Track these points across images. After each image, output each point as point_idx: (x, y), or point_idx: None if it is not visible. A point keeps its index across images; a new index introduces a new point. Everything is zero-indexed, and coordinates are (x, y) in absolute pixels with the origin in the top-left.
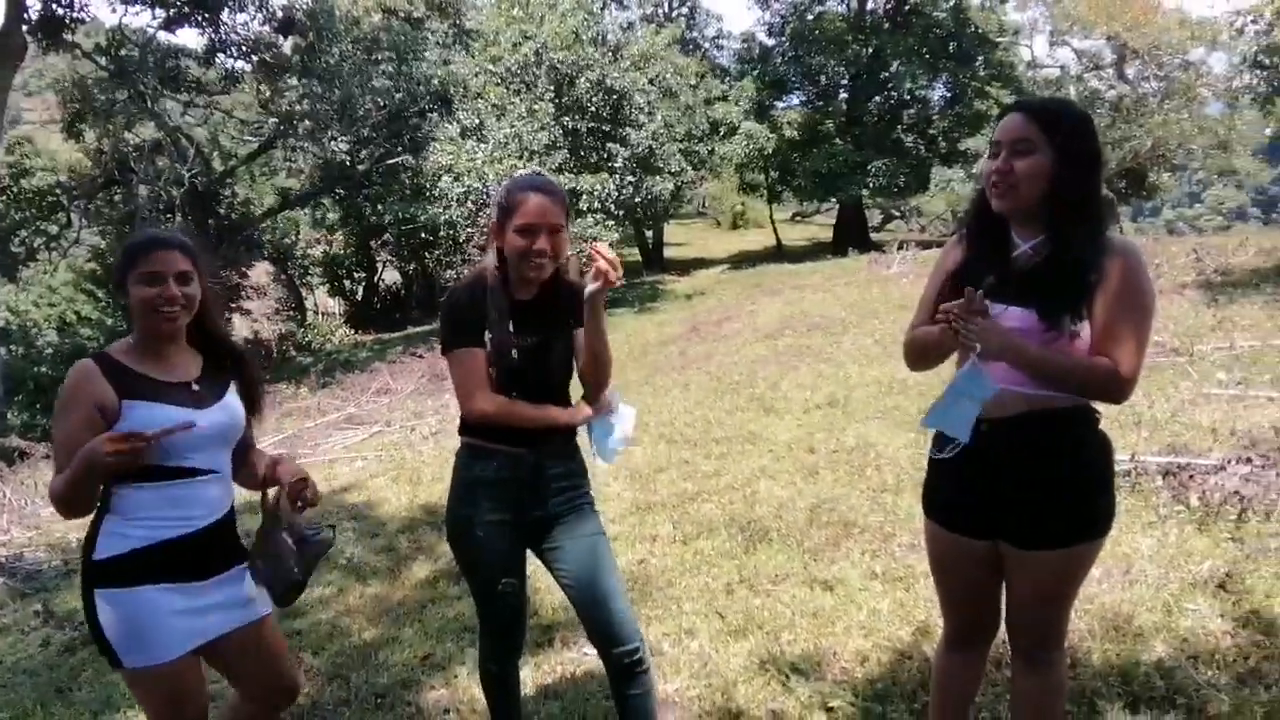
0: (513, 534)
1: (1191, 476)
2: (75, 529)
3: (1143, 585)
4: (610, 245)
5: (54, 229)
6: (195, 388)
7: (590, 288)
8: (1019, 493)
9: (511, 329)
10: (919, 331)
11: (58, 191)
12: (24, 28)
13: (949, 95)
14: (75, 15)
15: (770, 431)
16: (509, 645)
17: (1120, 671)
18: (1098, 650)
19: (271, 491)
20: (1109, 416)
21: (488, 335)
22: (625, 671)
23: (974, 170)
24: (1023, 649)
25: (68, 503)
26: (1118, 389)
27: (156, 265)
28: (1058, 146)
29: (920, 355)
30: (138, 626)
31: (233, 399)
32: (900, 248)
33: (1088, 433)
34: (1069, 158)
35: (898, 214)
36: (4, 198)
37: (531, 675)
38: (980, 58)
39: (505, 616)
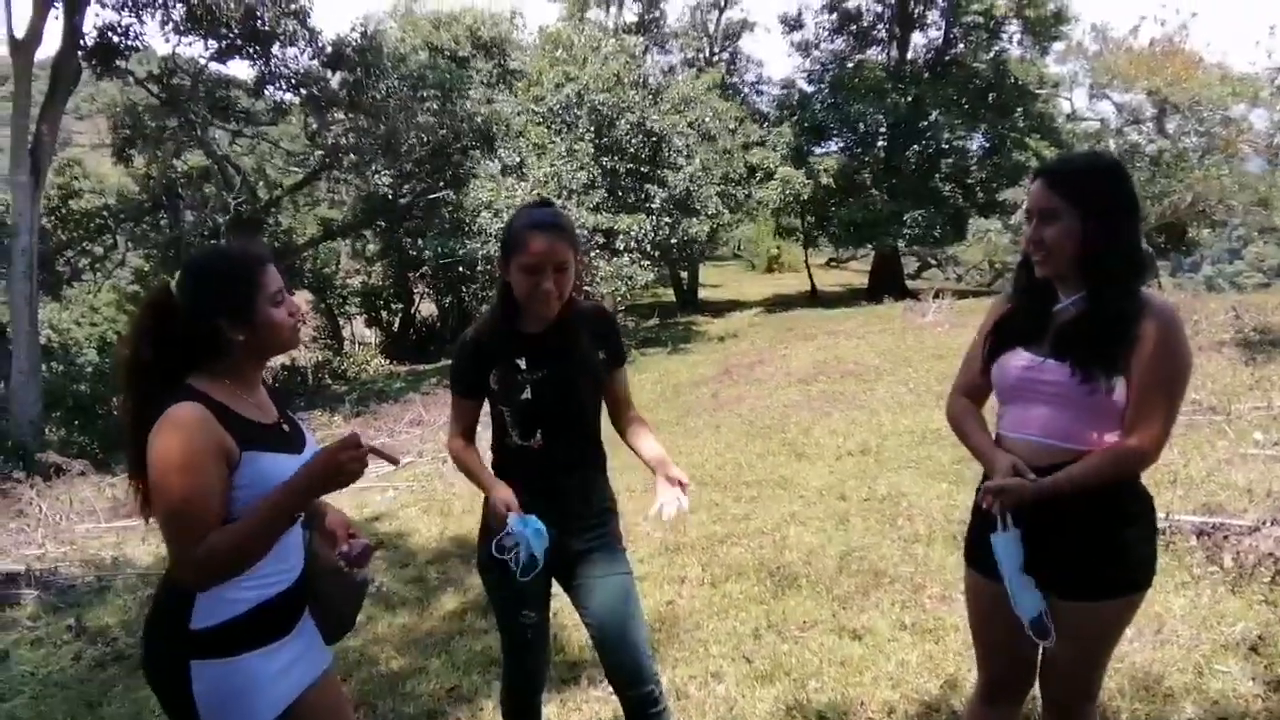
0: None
1: (1226, 537)
2: (109, 546)
3: (1174, 646)
4: (644, 286)
5: (99, 250)
6: (285, 429)
7: None
8: (1062, 543)
9: (523, 364)
10: (971, 436)
11: (105, 214)
12: (79, 54)
13: (987, 145)
14: (129, 44)
15: (801, 477)
16: (530, 679)
17: None
18: (1127, 710)
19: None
20: (1144, 474)
21: (494, 376)
22: (639, 711)
23: (1011, 222)
24: (1056, 701)
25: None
26: (1141, 463)
27: (278, 282)
28: (1081, 208)
29: (961, 440)
30: (238, 698)
31: (311, 437)
32: (936, 296)
33: (1126, 483)
34: (1095, 217)
35: (934, 262)
36: (52, 218)
37: (556, 712)
38: (1020, 109)
39: (527, 648)
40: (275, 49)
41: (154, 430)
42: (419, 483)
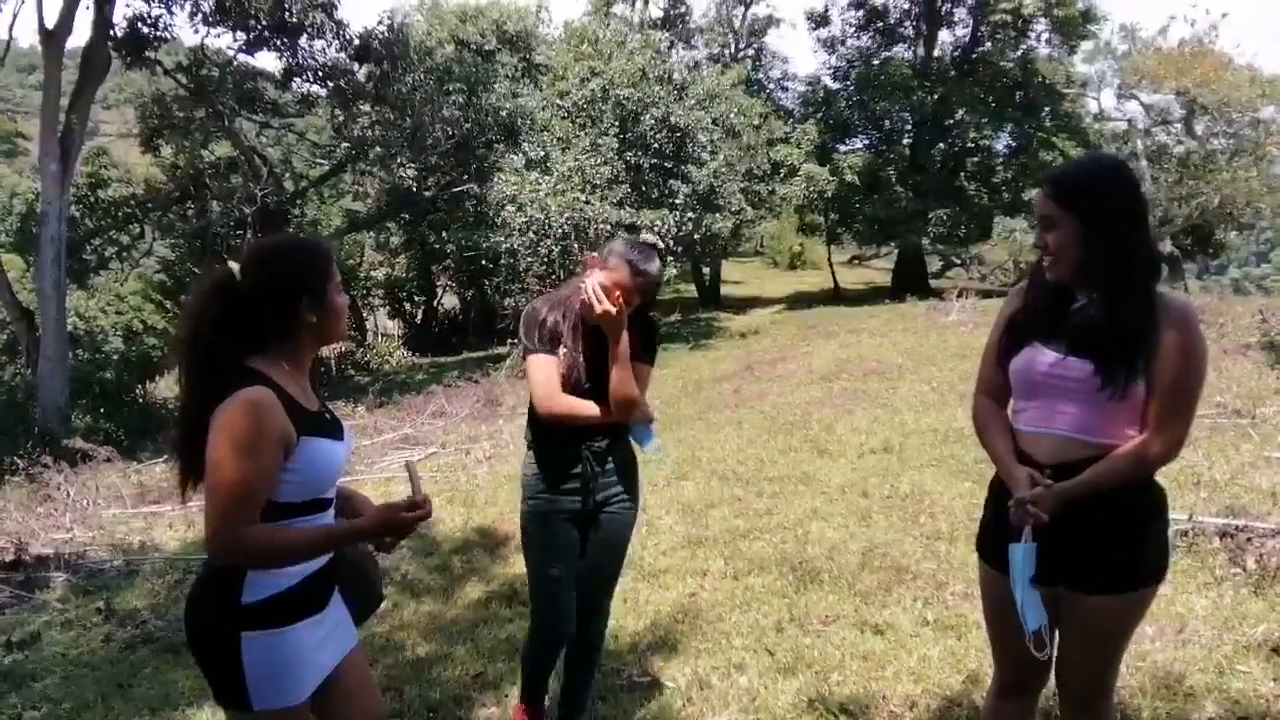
0: (562, 523)
1: (1249, 539)
2: (136, 531)
3: (1196, 645)
4: (666, 282)
5: (126, 239)
6: (328, 416)
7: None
8: (1079, 538)
9: (578, 345)
10: (993, 443)
11: (132, 203)
12: (109, 44)
13: (1014, 145)
14: (159, 34)
15: (823, 474)
16: (549, 634)
17: None
18: (1148, 707)
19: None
20: (1168, 476)
21: (562, 350)
22: (577, 647)
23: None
24: (1072, 698)
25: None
26: (1162, 462)
27: (337, 273)
28: (1081, 216)
29: (982, 444)
30: (284, 668)
31: (347, 425)
32: (960, 295)
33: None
34: (1095, 221)
35: (958, 261)
36: (80, 207)
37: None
38: (1047, 108)
39: (547, 603)
40: (303, 41)
41: (223, 408)
42: (443, 473)
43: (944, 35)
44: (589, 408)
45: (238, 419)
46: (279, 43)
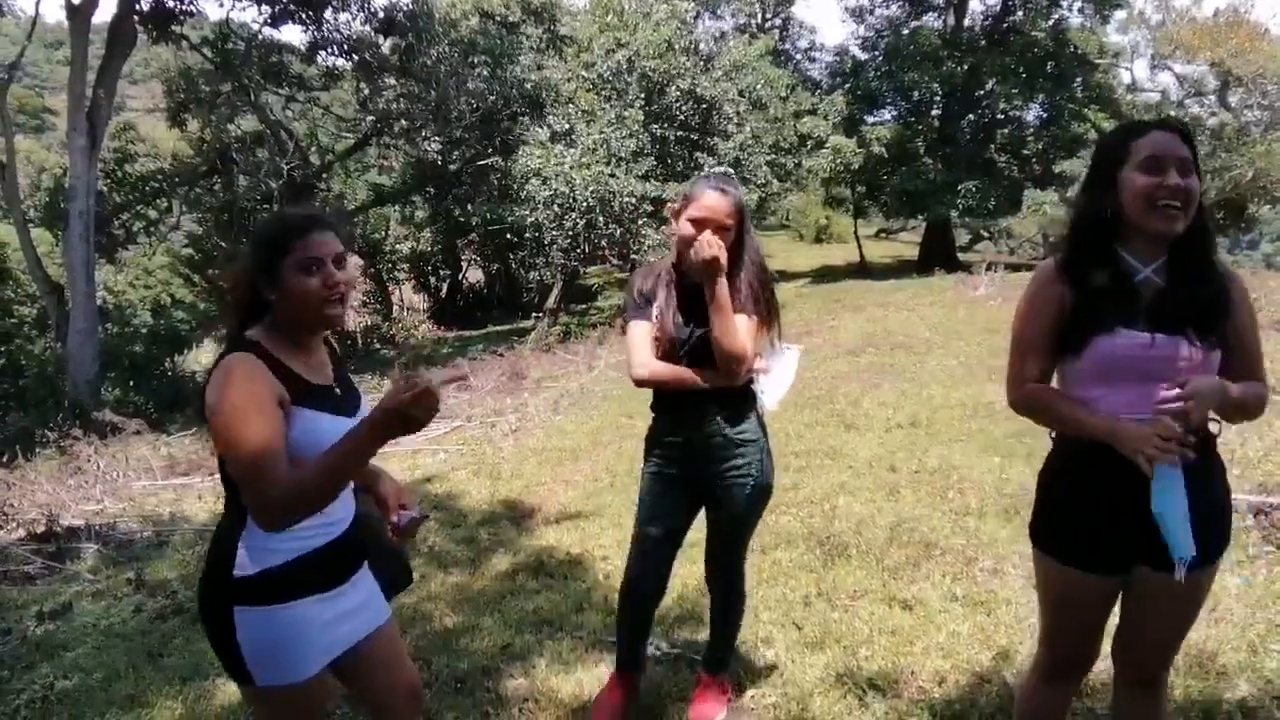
0: (669, 485)
1: None
2: (166, 503)
3: (1229, 624)
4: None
5: (154, 214)
6: (338, 391)
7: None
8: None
9: (674, 306)
10: (1068, 407)
11: (159, 178)
12: (135, 18)
13: (1045, 116)
14: (184, 8)
15: (850, 448)
16: (629, 586)
17: (1203, 709)
18: (1180, 686)
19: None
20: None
21: (656, 310)
22: (716, 603)
23: (1069, 194)
24: (1140, 674)
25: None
26: (1266, 404)
27: (316, 250)
28: (1197, 168)
29: (1047, 420)
30: (282, 644)
31: (366, 400)
32: (989, 269)
33: (1216, 451)
34: (1200, 181)
35: (987, 235)
36: (108, 182)
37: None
38: (1078, 79)
39: (645, 558)
40: (327, 14)
41: (210, 381)
42: (469, 446)
43: (974, 4)
44: (683, 374)
45: (223, 388)
46: (304, 16)
